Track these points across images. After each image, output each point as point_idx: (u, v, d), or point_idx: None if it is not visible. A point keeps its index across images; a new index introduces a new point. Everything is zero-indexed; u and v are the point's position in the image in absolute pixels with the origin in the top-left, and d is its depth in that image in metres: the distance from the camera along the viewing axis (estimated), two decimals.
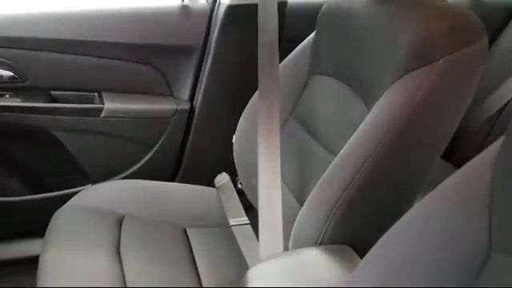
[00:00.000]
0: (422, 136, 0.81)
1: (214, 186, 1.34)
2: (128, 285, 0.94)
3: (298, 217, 0.86)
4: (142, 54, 1.39)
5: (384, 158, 0.78)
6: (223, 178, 1.35)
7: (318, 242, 0.80)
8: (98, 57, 1.35)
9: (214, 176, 1.37)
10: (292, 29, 1.36)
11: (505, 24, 1.54)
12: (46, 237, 1.08)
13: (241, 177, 1.22)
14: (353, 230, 0.80)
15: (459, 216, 0.54)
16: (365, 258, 0.63)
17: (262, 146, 0.96)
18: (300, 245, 0.83)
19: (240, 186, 1.30)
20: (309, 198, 0.85)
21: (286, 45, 1.18)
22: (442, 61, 0.78)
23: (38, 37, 1.27)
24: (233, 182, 1.34)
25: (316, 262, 0.76)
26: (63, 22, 1.31)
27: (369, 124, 0.82)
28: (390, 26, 0.86)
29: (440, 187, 0.58)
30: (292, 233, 0.86)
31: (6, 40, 1.25)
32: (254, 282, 0.72)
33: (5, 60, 1.26)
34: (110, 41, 1.34)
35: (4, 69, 1.27)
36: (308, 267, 0.75)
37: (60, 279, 0.93)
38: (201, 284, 1.01)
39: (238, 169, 1.22)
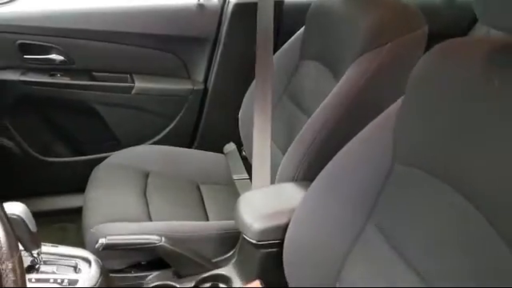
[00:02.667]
0: (368, 104, 1.03)
1: (223, 153, 1.59)
2: (152, 216, 1.21)
3: (281, 163, 1.12)
4: (165, 44, 1.59)
5: (339, 119, 1.03)
6: (231, 147, 1.60)
7: (294, 179, 1.06)
8: (131, 45, 1.56)
9: (224, 145, 1.61)
10: (290, 24, 1.57)
11: (473, 23, 1.72)
12: (88, 183, 1.34)
13: (244, 145, 1.45)
14: (318, 171, 1.05)
15: (371, 145, 0.80)
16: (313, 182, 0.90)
17: (256, 115, 1.22)
18: (282, 182, 1.09)
19: (244, 153, 1.54)
20: (288, 149, 1.11)
21: (286, 37, 1.40)
22: (388, 45, 1.02)
23: (83, 28, 1.50)
24: (238, 150, 1.58)
25: (288, 190, 1.01)
26: (103, 17, 1.52)
27: (332, 95, 1.06)
28: (353, 18, 1.10)
29: (362, 131, 0.84)
30: (277, 174, 1.12)
31: (59, 31, 1.48)
32: (241, 203, 0.99)
33: (57, 47, 1.50)
34: (140, 32, 1.56)
35: (57, 54, 1.51)
36: (281, 193, 1.01)
37: (99, 211, 1.20)
38: (208, 220, 1.28)
39: (242, 139, 1.45)
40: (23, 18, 1.47)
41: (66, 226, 1.61)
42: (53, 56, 1.52)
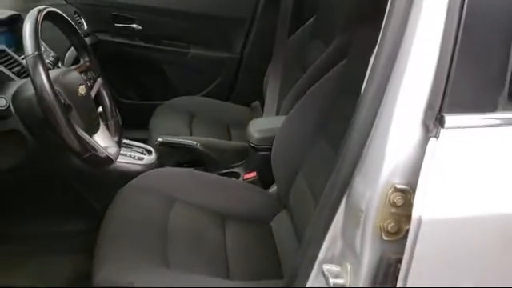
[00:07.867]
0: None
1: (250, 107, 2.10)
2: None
3: (282, 103, 1.62)
4: (213, 21, 2.08)
5: (319, 76, 1.49)
6: (256, 104, 2.11)
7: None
8: (188, 21, 2.08)
9: (251, 101, 2.11)
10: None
11: None
12: (152, 117, 1.90)
13: None
14: None
15: (326, 82, 1.28)
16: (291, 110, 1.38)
17: (271, 73, 1.73)
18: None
19: None
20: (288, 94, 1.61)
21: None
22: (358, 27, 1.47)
23: (155, 6, 2.04)
24: (261, 107, 2.08)
25: (282, 119, 1.50)
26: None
27: (318, 60, 1.54)
28: (340, 5, 1.57)
29: (325, 76, 1.31)
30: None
31: (138, 7, 2.03)
32: (250, 123, 1.50)
33: (136, 19, 2.05)
34: (195, 11, 2.06)
35: (137, 24, 2.06)
36: (278, 120, 1.48)
37: (159, 129, 1.75)
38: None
39: (265, 98, 1.95)
40: None
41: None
42: (134, 25, 2.07)
